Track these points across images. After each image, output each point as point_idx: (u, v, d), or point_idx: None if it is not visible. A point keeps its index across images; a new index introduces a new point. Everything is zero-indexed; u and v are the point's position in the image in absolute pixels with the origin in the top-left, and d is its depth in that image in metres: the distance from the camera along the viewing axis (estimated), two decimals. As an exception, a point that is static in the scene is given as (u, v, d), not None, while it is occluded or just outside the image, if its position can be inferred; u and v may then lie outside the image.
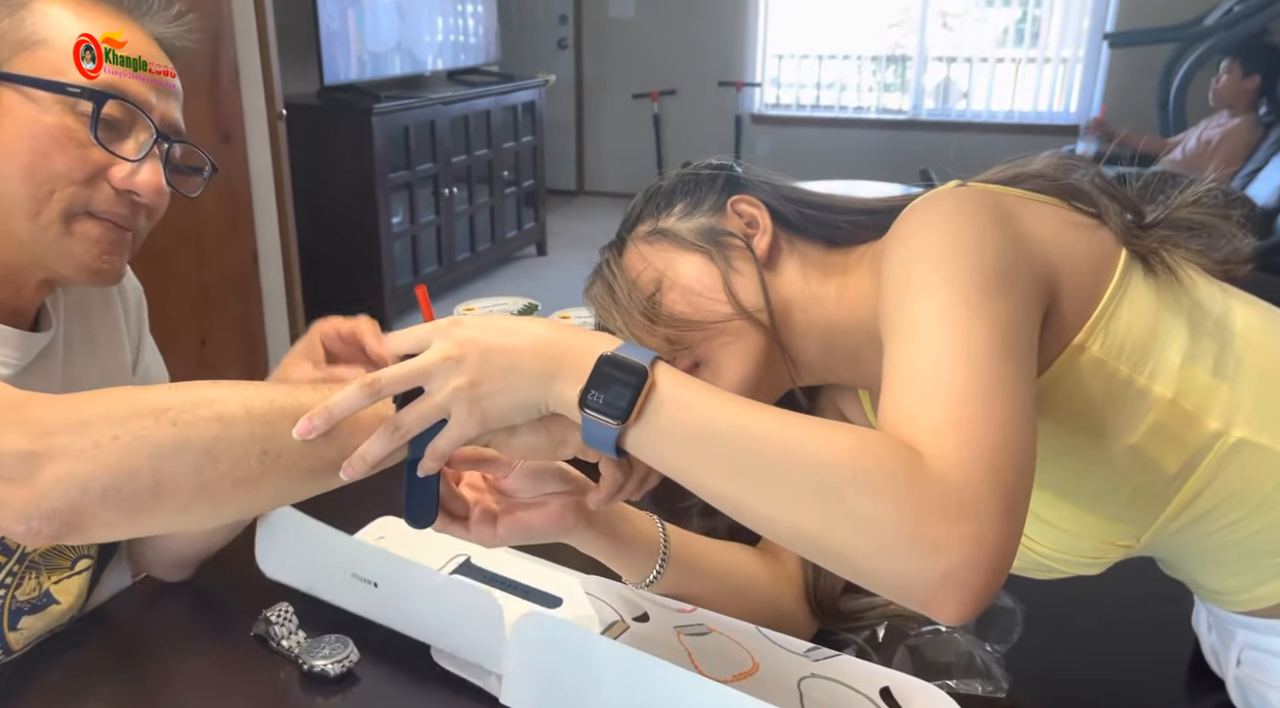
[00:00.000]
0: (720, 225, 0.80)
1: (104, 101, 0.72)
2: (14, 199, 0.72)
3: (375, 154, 3.57)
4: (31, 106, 0.71)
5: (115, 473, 0.55)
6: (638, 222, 0.84)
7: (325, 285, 3.42)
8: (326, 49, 3.52)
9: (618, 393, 0.54)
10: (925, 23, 5.50)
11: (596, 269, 0.85)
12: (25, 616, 0.80)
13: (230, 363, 2.41)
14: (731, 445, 0.53)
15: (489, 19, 4.75)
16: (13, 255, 0.75)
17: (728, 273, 0.77)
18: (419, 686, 0.76)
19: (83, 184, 0.73)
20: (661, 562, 0.76)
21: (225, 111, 2.30)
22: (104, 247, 0.75)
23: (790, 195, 0.82)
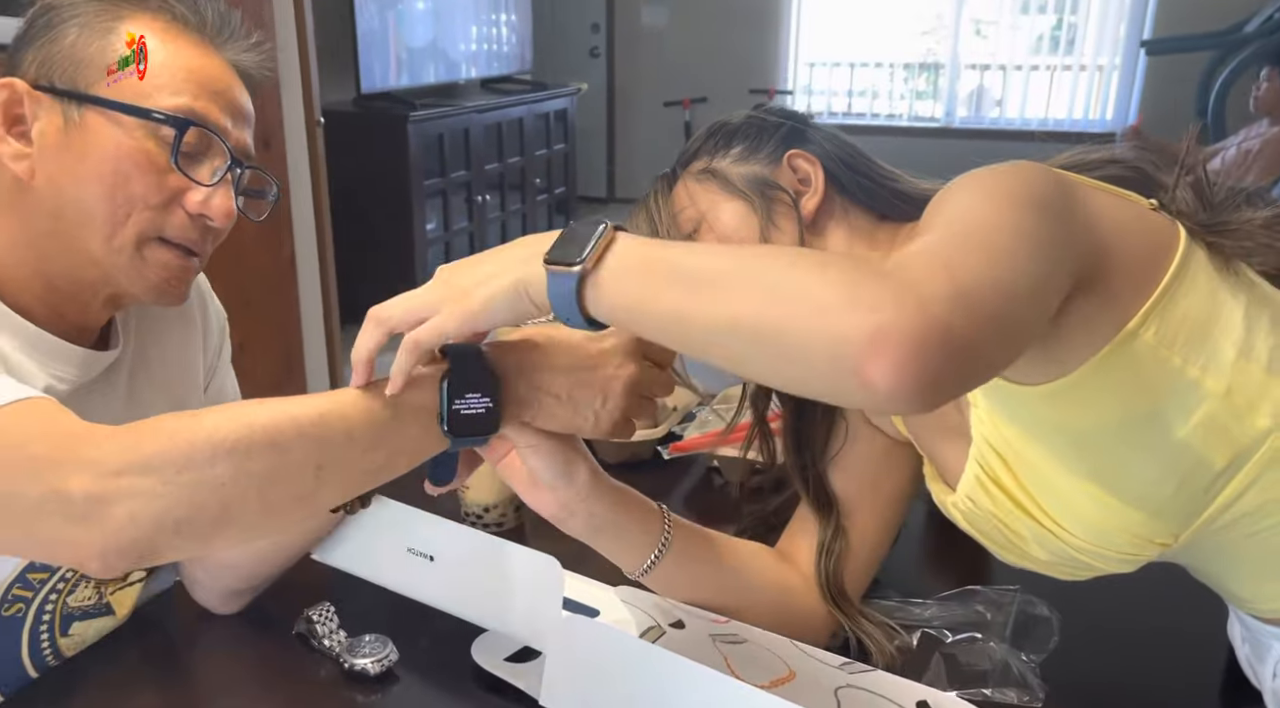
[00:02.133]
0: (772, 177, 0.80)
1: (186, 129, 0.73)
2: (92, 219, 0.74)
3: (410, 161, 3.61)
4: (115, 129, 0.73)
5: (183, 507, 0.57)
6: (694, 157, 0.84)
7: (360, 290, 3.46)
8: (364, 58, 3.58)
9: (579, 245, 0.56)
10: (958, 30, 5.47)
11: (643, 198, 0.85)
12: (77, 622, 0.82)
13: (267, 365, 2.45)
14: (678, 263, 0.55)
15: (522, 28, 4.80)
16: (83, 272, 0.76)
17: (766, 227, 0.77)
18: (457, 685, 0.77)
19: (158, 209, 0.75)
20: (658, 553, 0.76)
21: (266, 119, 2.35)
22: (173, 271, 0.77)
23: (851, 159, 0.81)
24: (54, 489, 0.56)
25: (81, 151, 0.73)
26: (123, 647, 0.84)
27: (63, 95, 0.73)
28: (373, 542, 0.82)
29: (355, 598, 0.84)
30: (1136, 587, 0.74)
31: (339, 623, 0.81)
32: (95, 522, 0.56)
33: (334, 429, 0.60)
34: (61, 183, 0.74)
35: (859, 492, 0.84)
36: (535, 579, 0.73)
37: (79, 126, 0.73)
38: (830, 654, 0.74)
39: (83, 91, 0.73)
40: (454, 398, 0.63)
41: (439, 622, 0.80)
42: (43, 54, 0.74)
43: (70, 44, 0.74)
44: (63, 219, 0.74)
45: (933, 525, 1.00)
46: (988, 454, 0.71)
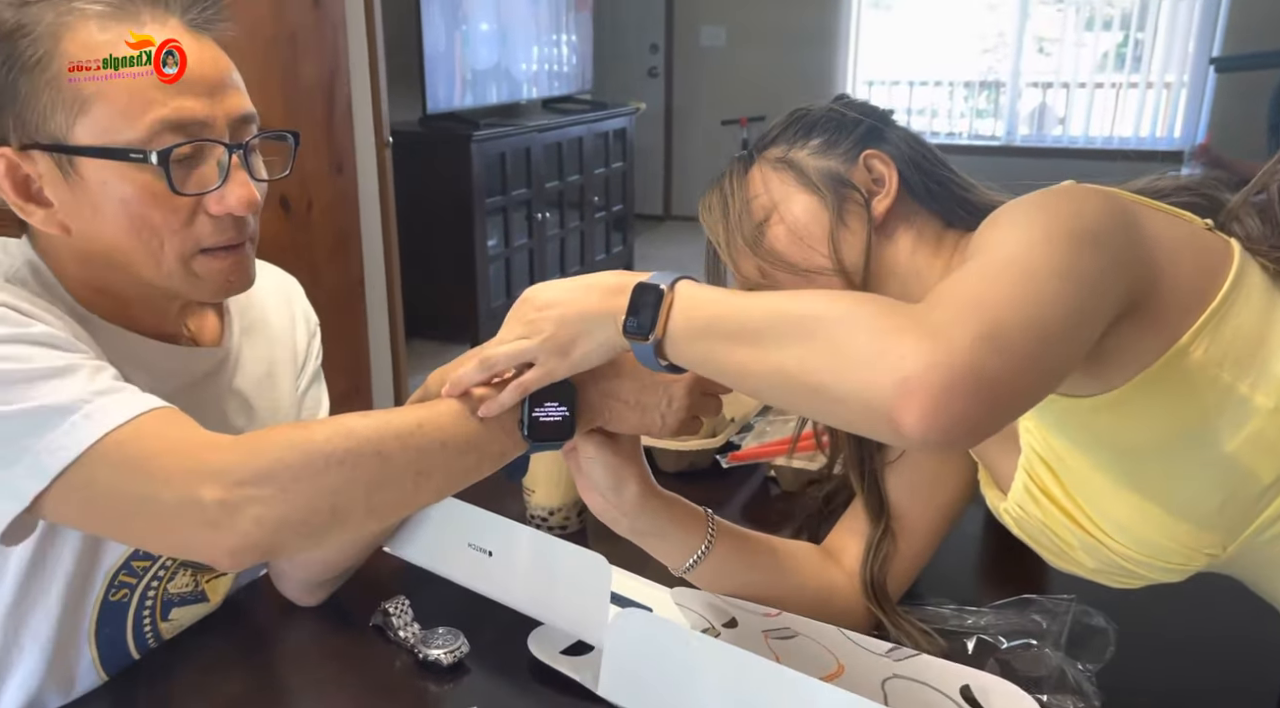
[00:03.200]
0: (847, 175, 0.81)
1: (167, 156, 0.70)
2: (130, 257, 0.75)
3: (473, 180, 3.70)
4: (109, 173, 0.71)
5: (300, 512, 0.63)
6: (772, 143, 0.85)
7: (425, 305, 3.56)
8: (430, 79, 3.68)
9: (646, 314, 0.62)
10: (1021, 48, 5.42)
11: (717, 178, 0.87)
12: (176, 608, 0.88)
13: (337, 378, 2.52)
14: (734, 321, 0.60)
15: (583, 49, 4.88)
16: (150, 291, 0.78)
17: (837, 225, 0.79)
18: (522, 676, 0.81)
19: (185, 227, 0.74)
20: (702, 552, 0.81)
21: (338, 142, 2.44)
22: (226, 272, 0.78)
23: (926, 165, 0.82)
24: (188, 496, 0.62)
25: (92, 203, 0.72)
26: (214, 633, 0.89)
27: (48, 150, 0.71)
28: (438, 537, 0.87)
29: (427, 592, 0.89)
30: (1194, 596, 0.74)
31: (413, 616, 0.86)
32: (225, 526, 0.62)
33: (430, 438, 0.67)
34: (91, 233, 0.74)
35: (912, 496, 0.86)
36: (584, 576, 0.77)
37: (77, 178, 0.72)
38: (877, 642, 0.76)
39: (62, 142, 0.71)
40: (535, 407, 0.69)
41: (502, 614, 0.84)
42: (10, 115, 0.71)
43: (25, 99, 0.70)
44: (109, 259, 0.75)
45: (989, 533, 1.01)
46: (1036, 465, 0.73)
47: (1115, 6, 5.24)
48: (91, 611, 0.80)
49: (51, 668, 0.79)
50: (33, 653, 0.78)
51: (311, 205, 2.36)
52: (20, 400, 0.64)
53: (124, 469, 0.64)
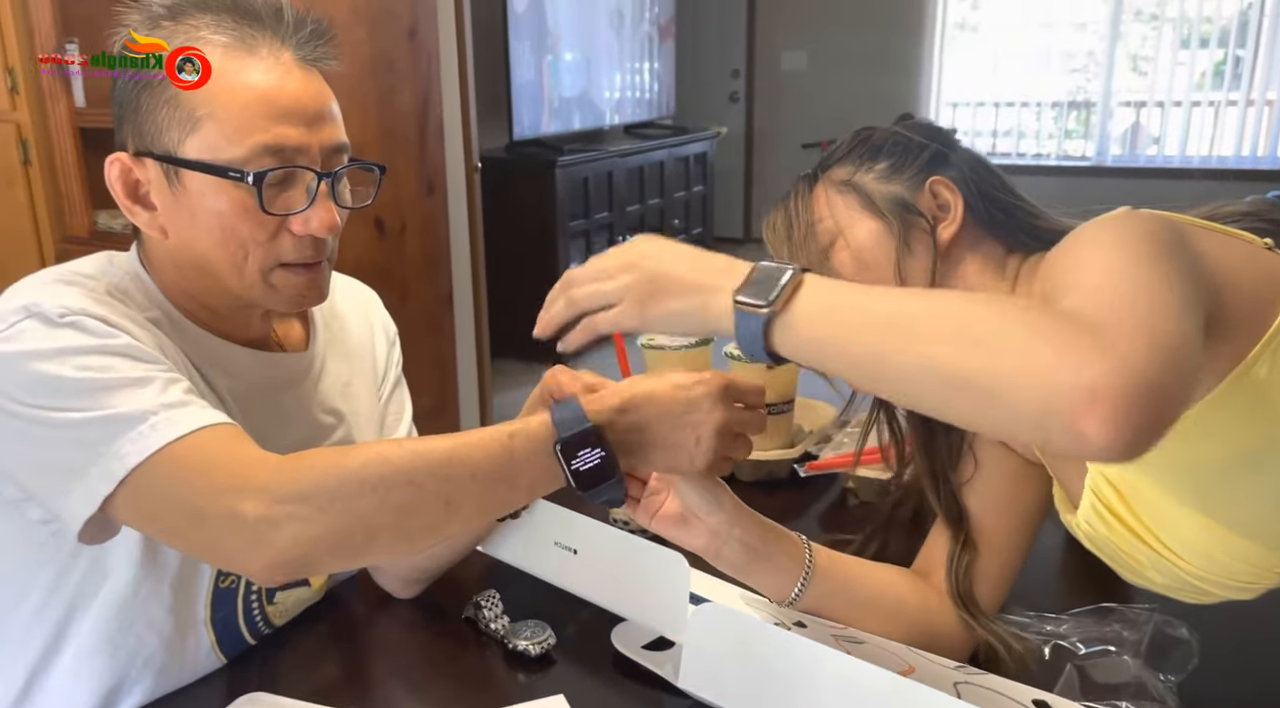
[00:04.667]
0: (914, 201, 0.81)
1: (262, 178, 0.76)
2: (216, 265, 0.80)
3: (557, 204, 3.79)
4: (208, 186, 0.77)
5: (335, 532, 0.66)
6: (837, 163, 0.86)
7: (509, 325, 3.65)
8: (517, 107, 3.80)
9: (769, 286, 0.60)
10: (1112, 67, 5.30)
11: (782, 198, 0.87)
12: (279, 591, 0.93)
13: (424, 394, 2.61)
14: (874, 309, 0.58)
15: (665, 75, 4.97)
16: (233, 299, 0.83)
17: (902, 252, 0.79)
18: (605, 668, 0.84)
19: (269, 241, 0.79)
20: (804, 579, 0.81)
21: (430, 165, 2.54)
22: (302, 288, 0.83)
23: (991, 190, 0.82)
24: (232, 511, 0.66)
25: (190, 211, 0.79)
26: (318, 621, 0.95)
27: (159, 159, 0.78)
28: (527, 536, 0.91)
29: (515, 587, 0.93)
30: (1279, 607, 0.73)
31: (503, 609, 0.90)
32: (264, 541, 0.66)
33: (460, 469, 0.68)
34: (186, 239, 0.80)
35: (993, 510, 0.87)
36: (664, 574, 0.80)
37: (181, 187, 0.78)
38: (946, 659, 0.77)
39: (172, 154, 0.77)
40: (570, 460, 0.69)
41: (586, 609, 0.88)
42: (129, 126, 0.79)
43: (145, 111, 0.78)
44: (199, 266, 0.81)
45: (1070, 543, 1.01)
46: (1102, 485, 0.73)
47: (1213, 23, 5.08)
48: (205, 597, 0.86)
49: (172, 653, 0.85)
50: (151, 641, 0.84)
51: (404, 227, 2.46)
52: (97, 408, 0.69)
53: (178, 480, 0.68)
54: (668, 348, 1.20)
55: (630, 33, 4.60)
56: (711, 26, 5.96)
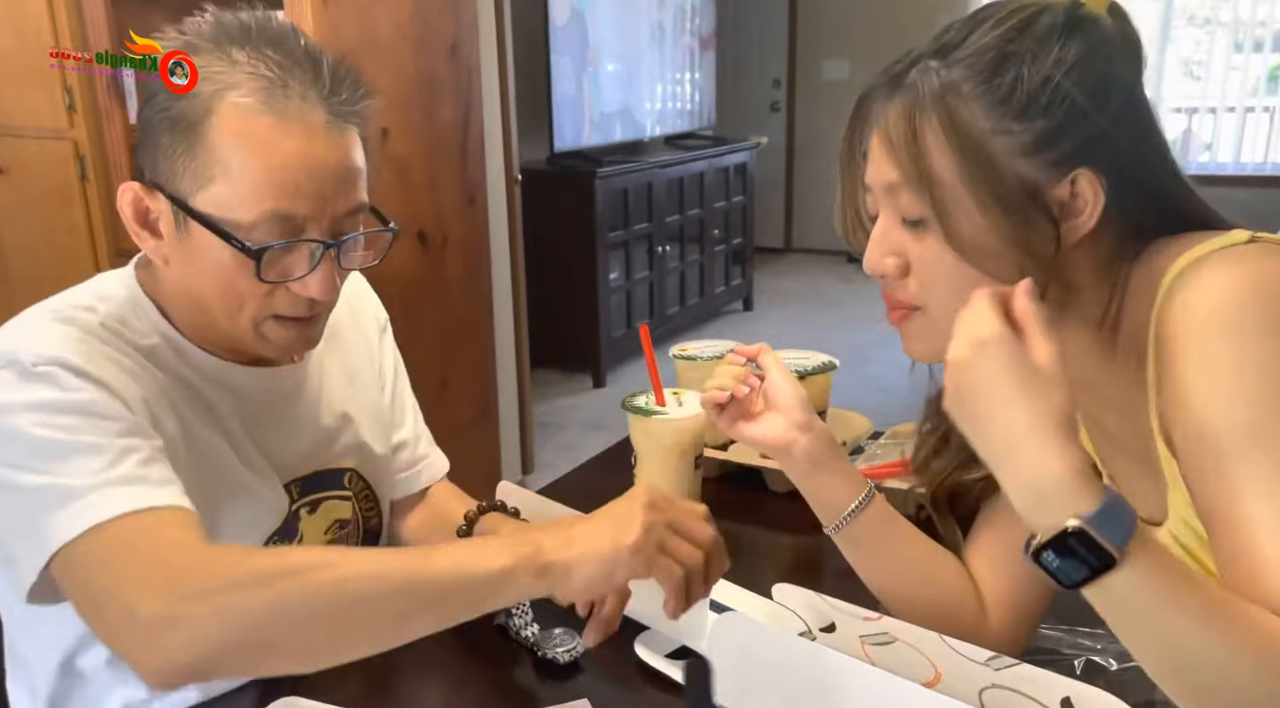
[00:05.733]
0: (1048, 190, 0.64)
1: (262, 256, 0.75)
2: (211, 307, 0.81)
3: (597, 215, 3.82)
4: (212, 241, 0.76)
5: (229, 639, 0.63)
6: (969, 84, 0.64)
7: (549, 336, 3.68)
8: (557, 120, 3.84)
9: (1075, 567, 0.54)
10: (1163, 72, 5.21)
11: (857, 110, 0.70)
12: None
13: (466, 402, 2.65)
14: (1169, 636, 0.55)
15: (706, 86, 4.98)
16: (224, 336, 0.84)
17: (1024, 260, 0.64)
18: (632, 677, 0.85)
19: (266, 297, 0.80)
20: (856, 508, 0.82)
21: (471, 177, 2.58)
22: (292, 340, 0.84)
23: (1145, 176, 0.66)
24: (128, 606, 0.63)
25: (191, 255, 0.79)
26: None
27: (170, 199, 0.77)
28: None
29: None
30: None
31: (533, 617, 0.91)
32: (155, 643, 0.63)
33: (363, 594, 0.65)
34: (184, 275, 0.81)
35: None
36: None
37: (186, 230, 0.78)
38: (978, 650, 0.76)
39: (183, 200, 0.76)
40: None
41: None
42: (149, 157, 0.78)
43: (165, 150, 0.76)
44: (195, 301, 0.82)
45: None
46: (1185, 535, 0.71)
47: (1267, 27, 4.97)
48: None
49: None
50: None
51: (446, 239, 2.50)
52: (48, 473, 0.69)
53: (97, 563, 0.67)
54: (699, 358, 1.21)
55: (671, 44, 4.62)
56: (752, 36, 5.97)
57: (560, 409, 3.71)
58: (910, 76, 0.67)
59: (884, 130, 0.67)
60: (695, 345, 1.23)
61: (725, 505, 1.19)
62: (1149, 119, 0.67)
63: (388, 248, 0.86)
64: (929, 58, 0.67)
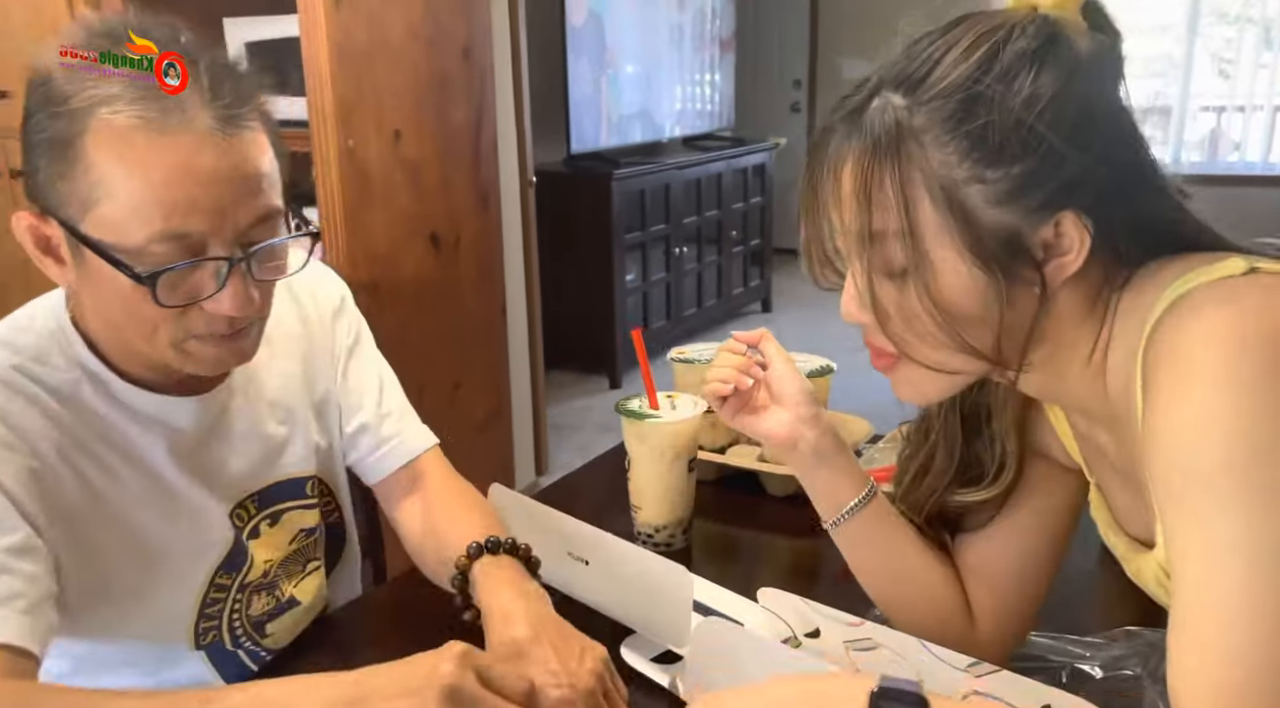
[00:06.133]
0: (1030, 236, 0.60)
1: (155, 278, 0.70)
2: (127, 335, 0.77)
3: (613, 217, 3.83)
4: (108, 268, 0.71)
5: None
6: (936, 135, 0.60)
7: (565, 337, 3.69)
8: (575, 122, 3.85)
9: None
10: (1191, 70, 5.13)
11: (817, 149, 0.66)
12: (269, 623, 0.94)
13: (479, 404, 2.66)
14: None
15: (725, 87, 4.97)
16: (149, 362, 0.80)
17: (1008, 313, 0.61)
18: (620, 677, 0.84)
19: (178, 319, 0.74)
20: (856, 505, 0.81)
21: (483, 179, 2.59)
22: (220, 356, 0.79)
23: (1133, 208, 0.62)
24: None
25: (93, 281, 0.74)
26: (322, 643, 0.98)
27: (61, 225, 0.72)
28: (543, 546, 0.92)
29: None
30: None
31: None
32: None
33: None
34: (94, 302, 0.77)
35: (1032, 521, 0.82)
36: (668, 586, 0.80)
37: (82, 257, 0.72)
38: (957, 656, 0.75)
39: (73, 226, 0.71)
40: None
41: (603, 621, 0.88)
42: (34, 181, 0.72)
43: (45, 173, 0.71)
44: (110, 326, 0.78)
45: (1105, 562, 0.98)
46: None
47: (1297, 24, 4.89)
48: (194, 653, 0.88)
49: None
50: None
51: (459, 240, 2.51)
52: None
53: None
54: (697, 360, 1.21)
55: (690, 46, 4.62)
56: (772, 37, 5.95)
57: (576, 411, 3.72)
58: (871, 112, 0.62)
59: (854, 175, 0.62)
60: (694, 348, 1.23)
61: (722, 509, 1.19)
62: (1131, 137, 0.63)
63: (310, 252, 0.81)
64: (891, 89, 0.62)
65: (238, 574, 0.90)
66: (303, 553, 0.98)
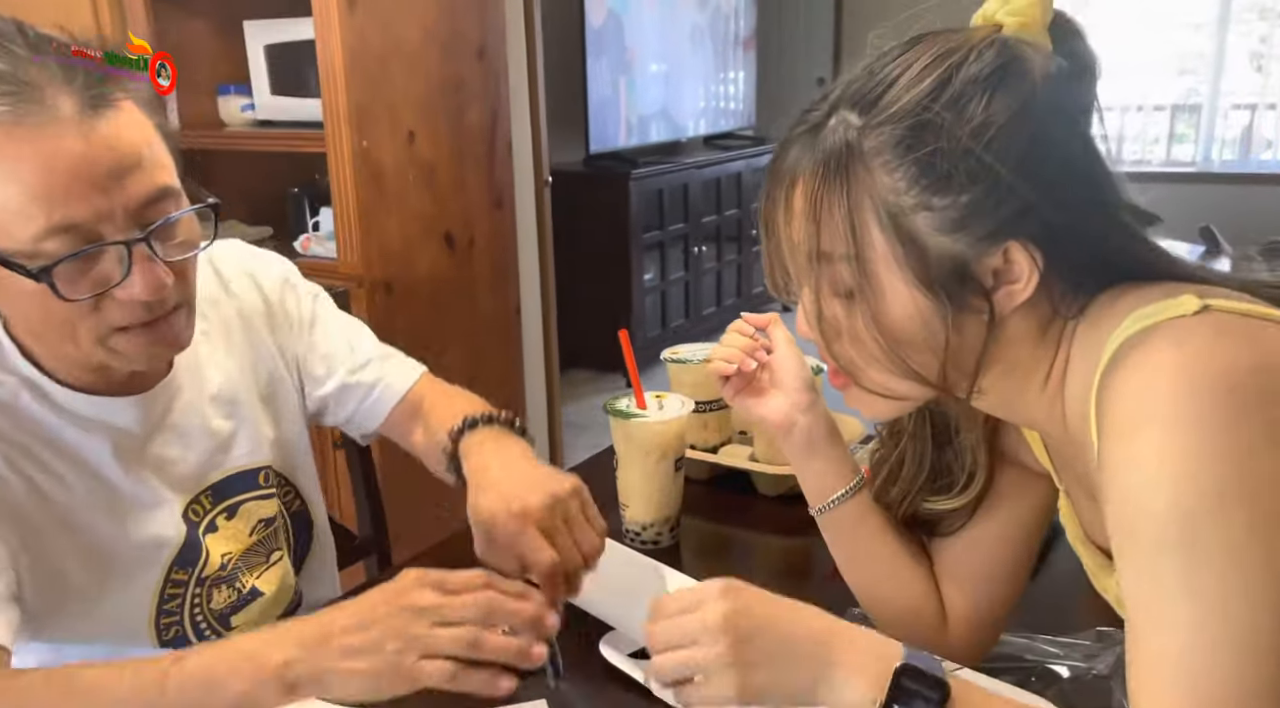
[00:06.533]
0: (976, 266, 0.60)
1: (49, 271, 0.68)
2: (50, 340, 0.76)
3: (631, 216, 3.84)
4: (5, 270, 0.69)
5: None
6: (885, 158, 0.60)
7: (582, 336, 3.71)
8: (594, 122, 3.86)
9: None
10: (1222, 67, 5.05)
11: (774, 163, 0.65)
12: (233, 615, 0.95)
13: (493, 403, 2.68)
14: None
15: (746, 86, 4.97)
16: (82, 364, 0.79)
17: (954, 340, 0.61)
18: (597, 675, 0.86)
19: (93, 313, 0.73)
20: (844, 495, 0.83)
21: (497, 180, 2.61)
22: (148, 346, 0.77)
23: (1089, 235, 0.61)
24: None
25: (3, 293, 0.72)
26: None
27: None
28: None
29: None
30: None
31: (504, 614, 0.93)
32: None
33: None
34: (10, 312, 0.76)
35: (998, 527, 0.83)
36: (641, 582, 0.82)
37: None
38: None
39: None
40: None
41: (588, 617, 0.90)
42: None
43: None
44: (33, 334, 0.78)
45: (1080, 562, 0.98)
46: None
47: (1333, 19, 4.80)
48: (159, 650, 0.88)
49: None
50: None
51: (473, 241, 2.54)
52: None
53: None
54: (690, 360, 1.22)
55: (710, 46, 4.62)
56: (796, 35, 5.93)
57: (592, 409, 3.74)
58: (827, 131, 0.62)
59: (805, 194, 0.62)
60: (687, 349, 1.24)
61: (713, 508, 1.21)
62: (1087, 165, 0.62)
63: (215, 227, 0.80)
64: (848, 107, 0.62)
65: (193, 569, 0.91)
66: (264, 544, 0.98)
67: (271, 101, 2.32)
